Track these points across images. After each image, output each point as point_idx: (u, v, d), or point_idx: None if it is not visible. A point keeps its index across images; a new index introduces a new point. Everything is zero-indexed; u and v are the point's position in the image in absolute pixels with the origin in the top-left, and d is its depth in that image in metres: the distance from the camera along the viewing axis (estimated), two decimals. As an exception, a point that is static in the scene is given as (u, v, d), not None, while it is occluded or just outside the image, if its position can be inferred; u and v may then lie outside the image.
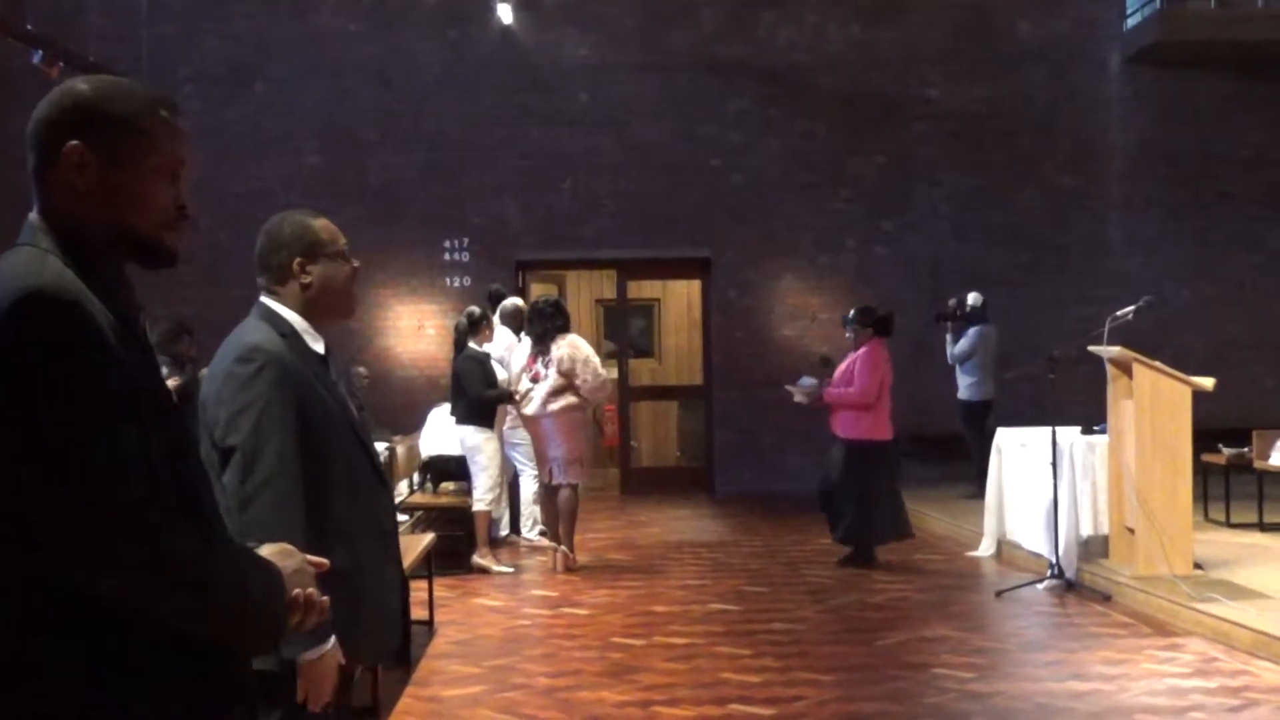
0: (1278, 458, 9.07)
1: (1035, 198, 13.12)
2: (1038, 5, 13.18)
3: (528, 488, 9.56)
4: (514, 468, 9.61)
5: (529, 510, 9.61)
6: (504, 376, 8.77)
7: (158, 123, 1.81)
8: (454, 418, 8.78)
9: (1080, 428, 8.12)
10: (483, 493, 8.59)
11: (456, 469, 9.17)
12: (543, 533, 9.26)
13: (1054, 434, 7.71)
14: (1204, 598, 6.71)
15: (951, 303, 11.27)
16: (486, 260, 12.92)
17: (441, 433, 9.37)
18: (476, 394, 8.53)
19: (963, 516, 9.92)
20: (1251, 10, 12.78)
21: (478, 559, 8.60)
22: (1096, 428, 8.07)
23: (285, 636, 1.86)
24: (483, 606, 7.59)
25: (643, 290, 14.24)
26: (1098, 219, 13.19)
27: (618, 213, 13.03)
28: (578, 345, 8.62)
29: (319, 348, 2.81)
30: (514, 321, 9.52)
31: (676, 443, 14.41)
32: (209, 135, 12.01)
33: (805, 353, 12.72)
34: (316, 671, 2.54)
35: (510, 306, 9.74)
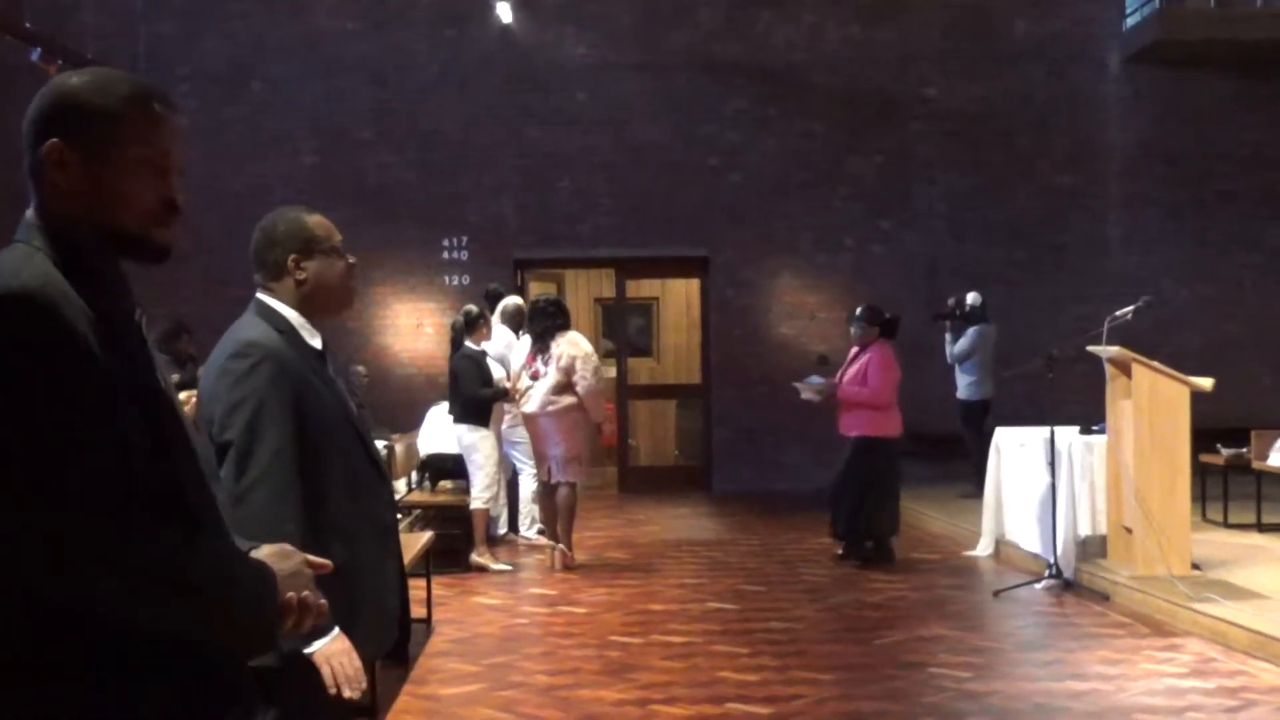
0: (1276, 458, 9.06)
1: (1034, 197, 13.11)
2: (1036, 4, 13.17)
3: (526, 486, 9.57)
4: (513, 466, 9.62)
5: (527, 509, 9.62)
6: (501, 375, 8.77)
7: (139, 116, 1.77)
8: (451, 416, 8.80)
9: (1079, 427, 8.11)
10: (480, 491, 8.60)
11: (454, 467, 9.18)
12: (541, 531, 9.26)
13: (1052, 433, 7.71)
14: (1202, 598, 6.71)
15: (951, 302, 11.26)
16: (485, 259, 12.92)
17: (440, 431, 9.38)
18: (471, 392, 8.54)
19: (961, 516, 9.91)
20: (1251, 10, 12.78)
21: (476, 557, 8.60)
22: (1095, 427, 8.06)
23: (280, 638, 1.83)
24: (481, 605, 7.59)
25: (641, 289, 14.22)
26: (1096, 218, 13.19)
27: (616, 212, 13.03)
28: (578, 342, 8.63)
29: (316, 343, 2.80)
30: (514, 320, 9.52)
31: (675, 441, 14.40)
32: (206, 134, 12.03)
33: (803, 351, 12.74)
34: (333, 657, 2.51)
35: (511, 306, 9.75)
